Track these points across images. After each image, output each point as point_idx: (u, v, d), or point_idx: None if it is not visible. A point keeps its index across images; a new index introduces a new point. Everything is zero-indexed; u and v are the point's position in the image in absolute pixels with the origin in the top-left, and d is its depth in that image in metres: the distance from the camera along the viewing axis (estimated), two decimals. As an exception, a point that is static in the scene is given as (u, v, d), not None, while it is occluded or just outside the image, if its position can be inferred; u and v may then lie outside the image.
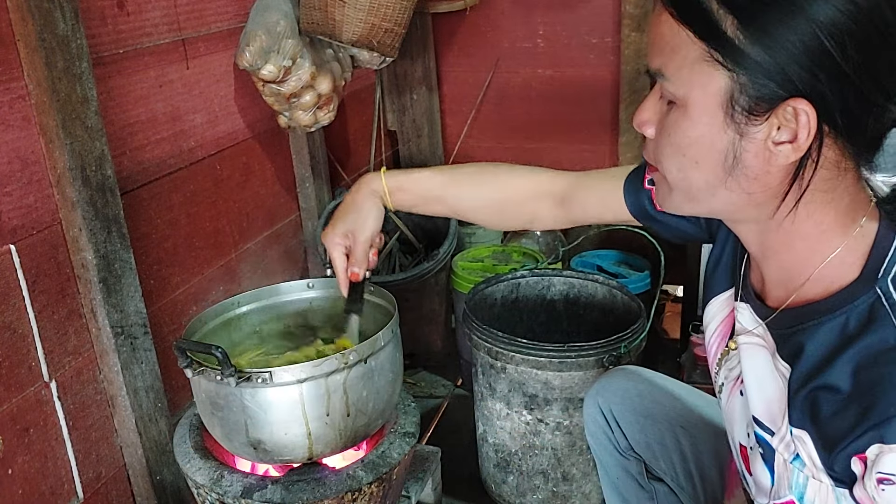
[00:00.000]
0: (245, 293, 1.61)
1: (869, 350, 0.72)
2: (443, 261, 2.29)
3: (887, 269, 0.74)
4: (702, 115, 0.75)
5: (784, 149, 0.73)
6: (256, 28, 1.79)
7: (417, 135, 2.84)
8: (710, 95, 0.73)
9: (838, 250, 0.78)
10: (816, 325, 0.78)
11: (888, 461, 0.68)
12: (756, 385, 0.86)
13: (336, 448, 1.40)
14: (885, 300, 0.73)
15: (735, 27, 0.70)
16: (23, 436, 1.39)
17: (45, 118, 1.36)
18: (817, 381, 0.76)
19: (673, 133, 0.78)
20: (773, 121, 0.72)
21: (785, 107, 0.71)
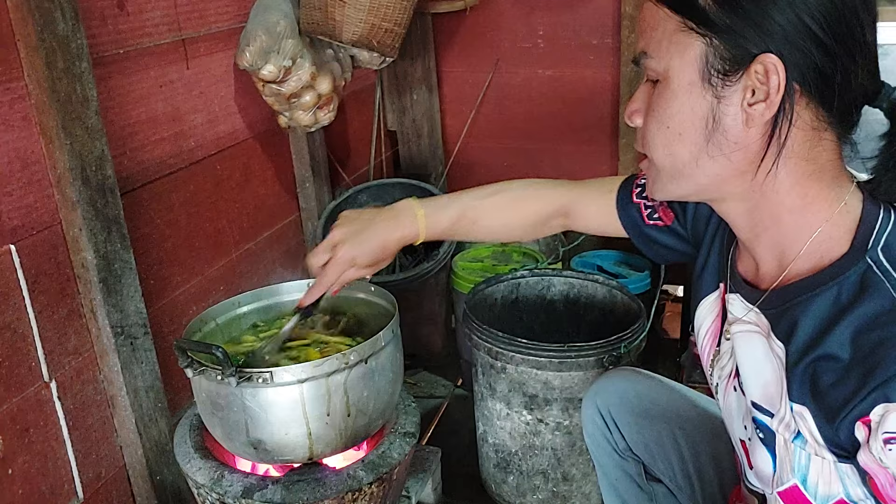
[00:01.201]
0: (245, 293, 1.61)
1: (866, 316, 0.74)
2: (443, 261, 2.29)
3: (876, 240, 0.77)
4: (682, 83, 0.79)
5: (758, 108, 0.77)
6: (256, 28, 1.79)
7: (417, 135, 2.83)
8: (687, 63, 0.78)
9: (825, 224, 0.80)
10: (809, 299, 0.80)
11: (894, 420, 0.69)
12: (752, 370, 0.88)
13: (336, 448, 1.40)
14: (877, 268, 0.75)
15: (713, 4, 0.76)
16: (23, 436, 1.39)
17: (45, 118, 1.36)
18: (815, 353, 0.77)
19: (657, 109, 0.82)
20: (747, 82, 0.76)
21: (756, 65, 0.75)
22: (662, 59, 0.80)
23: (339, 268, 1.22)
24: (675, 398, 1.31)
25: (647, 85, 0.85)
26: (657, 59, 0.81)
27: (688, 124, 0.81)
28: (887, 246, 0.76)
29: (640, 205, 1.15)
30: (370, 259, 1.22)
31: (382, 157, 2.82)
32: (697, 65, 0.78)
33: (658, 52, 0.81)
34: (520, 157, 2.80)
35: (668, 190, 0.88)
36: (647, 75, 0.85)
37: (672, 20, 0.79)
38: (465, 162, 2.89)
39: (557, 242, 2.42)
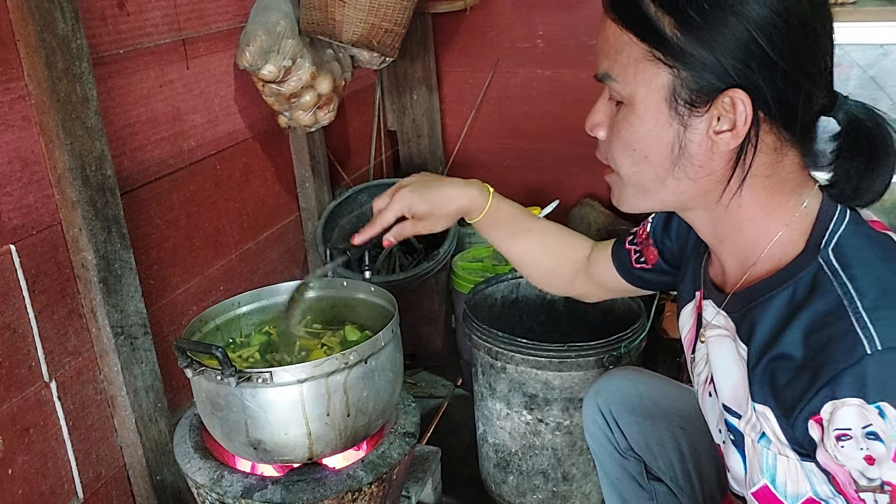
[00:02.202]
0: (245, 293, 1.61)
1: (815, 315, 0.75)
2: (443, 261, 2.29)
3: (828, 241, 0.79)
4: (648, 110, 0.80)
5: (724, 137, 0.78)
6: (256, 28, 1.79)
7: (417, 135, 2.83)
8: (654, 91, 0.78)
9: (784, 229, 0.82)
10: (766, 301, 0.81)
11: (842, 416, 0.71)
12: (723, 373, 0.89)
13: (336, 448, 1.40)
14: (827, 268, 0.77)
15: (673, 27, 0.75)
16: (23, 436, 1.39)
17: (45, 118, 1.36)
18: (771, 353, 0.79)
19: (623, 130, 0.83)
20: (714, 112, 0.77)
21: (723, 98, 0.76)
22: (628, 85, 0.80)
23: (397, 206, 1.19)
24: (677, 398, 1.31)
25: (609, 100, 0.85)
26: (622, 84, 0.81)
27: (653, 149, 0.81)
28: (838, 245, 0.78)
29: (630, 250, 1.20)
30: (428, 207, 1.18)
31: (382, 157, 2.82)
32: (664, 93, 0.78)
33: (624, 78, 0.80)
34: (520, 157, 2.80)
35: (634, 204, 0.89)
36: (609, 94, 0.85)
37: (638, 47, 0.78)
38: (465, 162, 2.89)
39: (557, 242, 2.42)
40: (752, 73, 0.75)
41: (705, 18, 0.74)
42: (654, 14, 0.76)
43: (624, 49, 0.79)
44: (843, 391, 0.70)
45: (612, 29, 0.81)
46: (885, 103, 2.44)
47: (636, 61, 0.79)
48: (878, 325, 0.70)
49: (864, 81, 2.45)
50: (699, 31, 0.75)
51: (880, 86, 2.46)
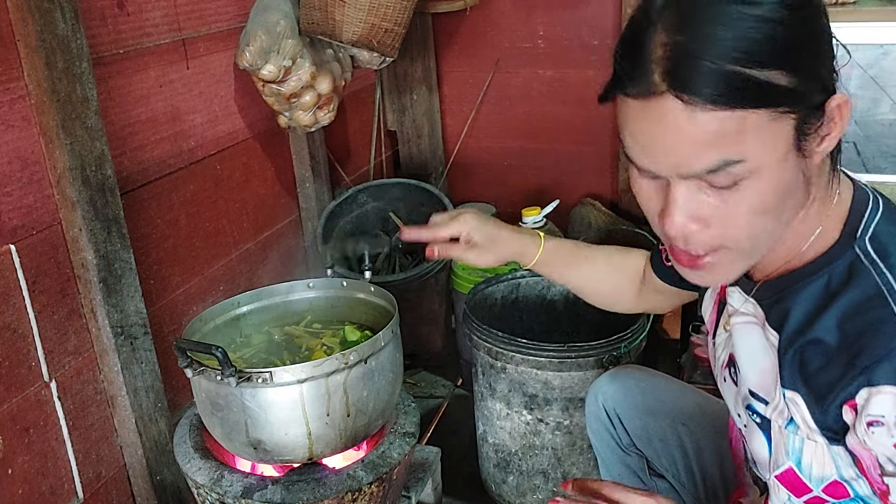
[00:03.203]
0: (245, 293, 1.62)
1: (852, 302, 0.75)
2: (443, 261, 2.29)
3: (864, 230, 0.78)
4: (780, 166, 0.72)
5: (825, 143, 0.75)
6: (256, 28, 1.79)
7: (417, 135, 2.83)
8: (782, 146, 0.71)
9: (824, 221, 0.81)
10: (800, 288, 0.81)
11: (877, 403, 0.71)
12: (749, 359, 0.89)
13: (336, 448, 1.40)
14: (864, 258, 0.77)
15: (785, 75, 0.69)
16: (23, 436, 1.39)
17: (45, 118, 1.36)
18: (804, 338, 0.79)
19: (754, 203, 0.73)
20: (821, 127, 0.74)
21: (829, 110, 0.73)
22: (759, 157, 0.71)
23: (457, 226, 1.18)
24: (680, 396, 1.32)
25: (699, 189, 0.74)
26: (752, 160, 0.71)
27: (787, 199, 0.75)
28: (875, 236, 0.78)
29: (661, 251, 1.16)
30: (484, 239, 1.18)
31: (382, 157, 2.82)
32: (791, 141, 0.72)
33: (754, 152, 0.70)
34: (520, 157, 2.80)
35: (745, 267, 0.81)
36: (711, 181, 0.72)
37: (757, 115, 0.69)
38: (465, 162, 2.89)
39: (557, 242, 2.42)
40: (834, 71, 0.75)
41: (805, 50, 0.71)
42: (765, 76, 0.68)
43: (743, 127, 0.69)
44: (881, 378, 0.70)
45: (713, 117, 0.69)
46: (885, 103, 2.44)
47: (762, 130, 0.69)
48: None
49: (865, 81, 2.45)
50: (805, 63, 0.71)
51: (880, 86, 2.46)
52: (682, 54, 0.68)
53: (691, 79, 0.68)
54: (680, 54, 0.68)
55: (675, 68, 0.69)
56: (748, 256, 0.79)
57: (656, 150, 0.73)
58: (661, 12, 0.71)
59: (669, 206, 0.75)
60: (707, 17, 0.68)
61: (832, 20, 0.79)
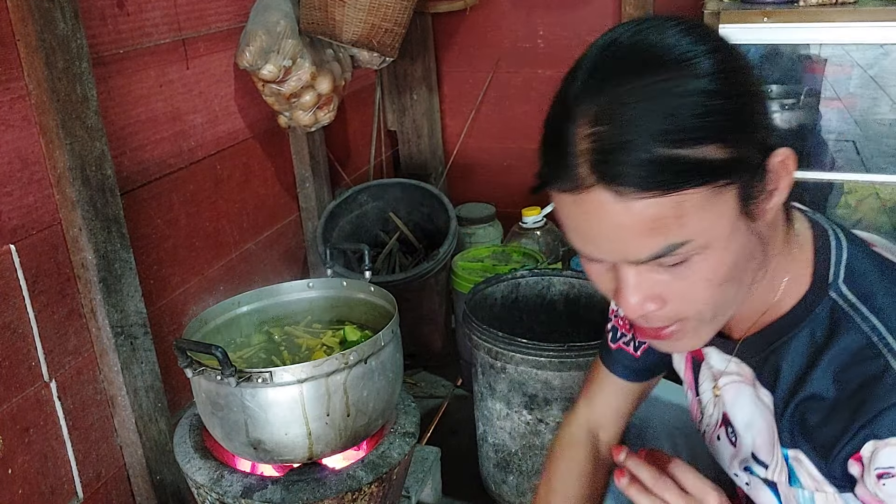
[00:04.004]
0: (245, 293, 1.61)
1: (844, 354, 0.73)
2: (443, 261, 2.29)
3: (836, 273, 0.76)
4: (729, 236, 0.69)
5: (774, 197, 0.72)
6: (256, 28, 1.79)
7: (417, 135, 2.83)
8: (728, 216, 0.68)
9: (792, 266, 0.79)
10: (786, 343, 0.79)
11: (884, 455, 0.69)
12: (746, 423, 0.87)
13: (336, 448, 1.40)
14: (844, 302, 0.75)
15: (720, 148, 0.66)
16: (23, 436, 1.39)
17: (45, 118, 1.36)
18: (800, 395, 0.77)
19: (708, 276, 0.71)
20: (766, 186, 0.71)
21: (770, 165, 0.71)
22: (705, 234, 0.68)
23: None
24: (674, 401, 1.31)
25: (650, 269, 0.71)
26: (698, 239, 0.68)
27: (742, 264, 0.72)
28: (849, 276, 0.76)
29: (620, 348, 1.08)
30: None
31: (382, 157, 2.82)
32: (738, 210, 0.69)
33: (697, 230, 0.67)
34: (520, 158, 2.80)
35: (712, 333, 0.78)
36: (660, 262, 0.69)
37: (702, 193, 0.66)
38: (465, 162, 2.89)
39: (557, 242, 2.42)
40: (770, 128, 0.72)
41: (737, 117, 0.67)
42: (698, 154, 0.65)
43: (683, 209, 0.66)
44: (885, 431, 0.69)
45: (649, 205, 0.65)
46: (885, 103, 2.44)
47: (704, 208, 0.66)
48: None
49: (865, 81, 2.45)
50: (739, 130, 0.67)
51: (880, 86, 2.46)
52: (607, 144, 0.65)
53: (620, 169, 0.64)
54: (605, 144, 0.65)
55: (602, 160, 0.65)
56: (714, 322, 0.77)
57: (598, 242, 0.70)
58: (580, 101, 0.67)
59: (622, 289, 0.72)
60: (627, 100, 0.65)
61: (832, 20, 0.79)
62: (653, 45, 0.68)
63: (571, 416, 1.16)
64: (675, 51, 0.67)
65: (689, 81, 0.65)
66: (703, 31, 0.70)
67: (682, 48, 0.67)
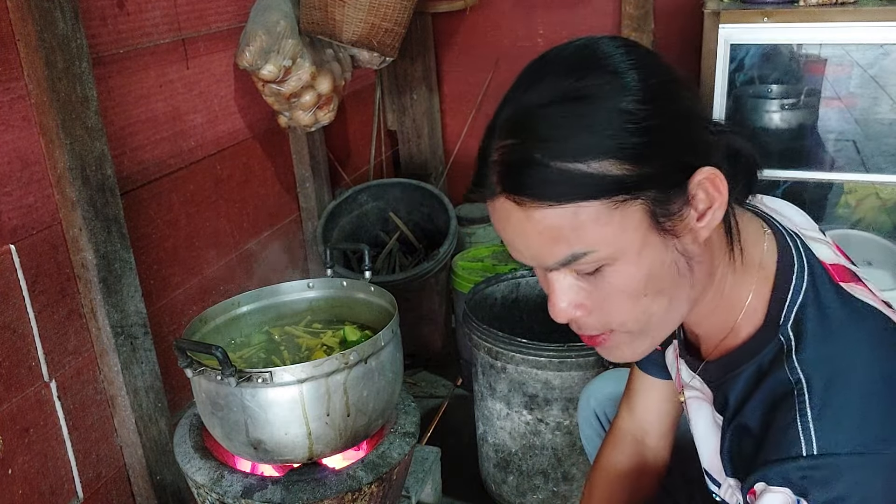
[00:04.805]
0: (245, 293, 1.61)
1: (770, 394, 0.75)
2: (443, 261, 2.29)
3: (786, 317, 0.77)
4: (640, 251, 0.72)
5: (709, 216, 0.73)
6: (256, 28, 1.79)
7: (417, 135, 2.83)
8: (635, 231, 0.71)
9: (750, 296, 0.80)
10: (735, 377, 0.81)
11: (768, 499, 0.71)
12: (703, 438, 0.89)
13: (336, 448, 1.40)
14: (785, 345, 0.76)
15: (618, 165, 0.68)
16: (23, 436, 1.39)
17: (45, 118, 1.36)
18: (735, 422, 0.79)
19: (623, 288, 0.74)
20: (692, 202, 0.72)
21: (693, 184, 0.71)
22: (608, 246, 0.71)
23: None
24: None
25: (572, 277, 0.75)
26: (602, 249, 0.71)
27: (662, 279, 0.74)
28: (796, 322, 0.77)
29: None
30: None
31: (382, 157, 2.82)
32: (646, 224, 0.71)
33: (599, 244, 0.70)
34: (520, 157, 2.79)
35: (652, 346, 0.81)
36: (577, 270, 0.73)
37: (596, 206, 0.69)
38: (466, 162, 2.89)
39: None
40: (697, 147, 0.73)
41: (647, 136, 0.69)
42: (592, 169, 0.68)
43: (579, 221, 0.69)
44: (773, 480, 0.71)
45: (547, 216, 0.69)
46: (885, 103, 2.44)
47: (602, 220, 0.69)
48: (819, 426, 0.70)
49: (864, 81, 2.45)
50: (644, 149, 0.69)
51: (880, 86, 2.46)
52: (512, 156, 0.70)
53: (519, 179, 0.69)
54: (510, 157, 0.70)
55: (506, 171, 0.70)
56: (646, 336, 0.79)
57: (515, 247, 0.75)
58: (500, 114, 0.72)
59: (550, 295, 0.77)
60: (535, 118, 0.69)
61: (832, 20, 0.78)
62: (582, 57, 0.71)
63: (610, 436, 1.17)
64: (602, 62, 0.70)
65: (602, 96, 0.68)
66: (640, 51, 0.72)
67: (611, 62, 0.70)
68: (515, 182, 0.70)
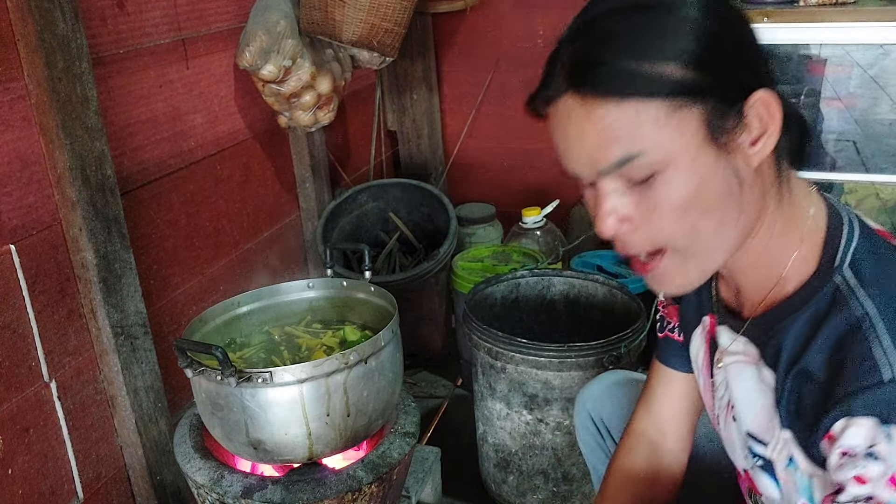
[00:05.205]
0: (245, 293, 1.62)
1: (835, 334, 0.75)
2: (443, 261, 2.29)
3: (843, 258, 0.78)
4: (693, 159, 0.73)
5: (761, 143, 0.75)
6: (256, 28, 1.79)
7: (417, 135, 2.83)
8: (691, 137, 0.72)
9: (799, 246, 0.81)
10: (789, 324, 0.80)
11: (851, 434, 0.70)
12: (745, 400, 0.88)
13: (336, 448, 1.40)
14: (845, 286, 0.76)
15: (682, 68, 0.71)
16: (23, 436, 1.39)
17: (45, 118, 1.36)
18: (795, 369, 0.78)
19: (672, 198, 0.74)
20: (746, 124, 0.75)
21: (750, 105, 0.74)
22: (661, 150, 0.72)
23: None
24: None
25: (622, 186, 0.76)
26: (653, 153, 0.72)
27: (713, 195, 0.75)
28: (854, 262, 0.77)
29: (665, 336, 1.12)
30: None
31: (382, 157, 2.82)
32: (703, 133, 0.73)
33: (654, 146, 0.72)
34: (520, 157, 2.80)
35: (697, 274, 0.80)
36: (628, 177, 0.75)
37: (656, 106, 0.71)
38: (465, 162, 2.89)
39: (557, 242, 2.42)
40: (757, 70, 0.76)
41: (710, 46, 0.72)
42: (657, 69, 0.70)
43: (640, 120, 0.71)
44: (856, 411, 0.70)
45: (608, 112, 0.72)
46: (885, 103, 2.44)
47: (662, 120, 0.71)
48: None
49: (864, 81, 2.45)
50: (708, 58, 0.71)
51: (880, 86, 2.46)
52: (581, 56, 0.74)
53: (586, 75, 0.73)
54: (579, 56, 0.74)
55: (574, 69, 0.74)
56: (696, 258, 0.78)
57: (571, 152, 0.77)
58: (574, 26, 0.77)
59: (598, 208, 0.78)
60: (606, 22, 0.74)
61: (832, 20, 0.80)
62: None
63: (625, 438, 1.16)
64: None
65: (671, 5, 0.72)
66: None
67: None
68: (582, 77, 0.73)
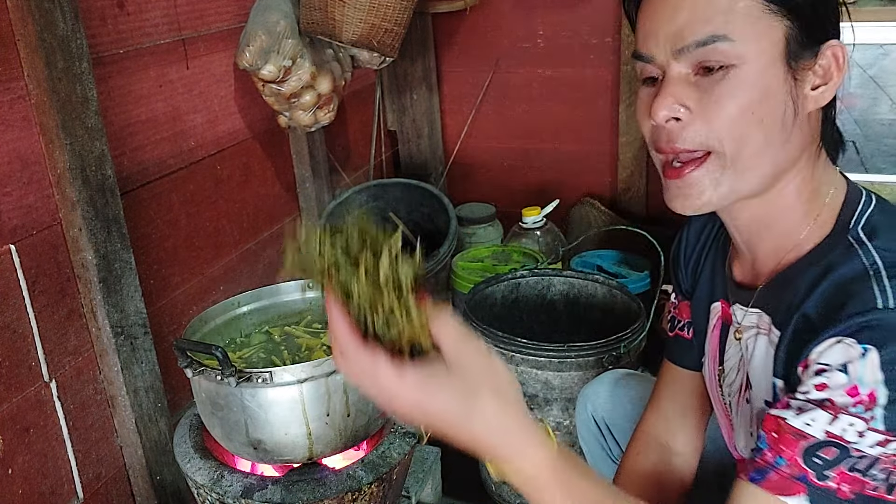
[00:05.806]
0: (245, 293, 1.62)
1: (840, 279, 0.76)
2: (443, 261, 2.29)
3: (857, 221, 0.80)
4: (766, 67, 0.76)
5: (818, 92, 0.78)
6: (256, 28, 1.79)
7: (417, 135, 2.83)
8: (772, 45, 0.75)
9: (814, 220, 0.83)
10: (800, 278, 0.81)
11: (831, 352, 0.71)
12: (760, 370, 0.88)
13: (336, 448, 1.40)
14: (856, 242, 0.78)
15: None
16: (23, 436, 1.39)
17: (45, 118, 1.36)
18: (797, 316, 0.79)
19: (737, 96, 0.76)
20: (816, 67, 0.78)
21: (825, 50, 0.77)
22: (745, 42, 0.75)
23: None
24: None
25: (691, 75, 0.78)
26: (737, 42, 0.75)
27: (769, 109, 0.77)
28: (867, 223, 0.80)
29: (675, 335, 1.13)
30: None
31: (382, 157, 2.82)
32: (781, 47, 0.76)
33: (742, 34, 0.75)
34: (520, 157, 2.80)
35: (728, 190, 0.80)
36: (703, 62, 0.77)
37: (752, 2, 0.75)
38: (465, 162, 2.89)
39: (557, 242, 2.42)
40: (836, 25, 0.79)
41: None
42: None
43: (734, 6, 0.75)
44: (845, 331, 0.71)
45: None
46: (885, 103, 2.44)
47: (753, 15, 0.75)
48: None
49: (864, 81, 2.45)
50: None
51: (880, 86, 2.46)
52: None
53: None
54: None
55: None
56: (734, 171, 0.79)
57: (658, 28, 0.78)
58: None
59: (659, 92, 0.79)
60: None
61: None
62: None
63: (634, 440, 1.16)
64: None
65: None
66: None
67: None
68: None
